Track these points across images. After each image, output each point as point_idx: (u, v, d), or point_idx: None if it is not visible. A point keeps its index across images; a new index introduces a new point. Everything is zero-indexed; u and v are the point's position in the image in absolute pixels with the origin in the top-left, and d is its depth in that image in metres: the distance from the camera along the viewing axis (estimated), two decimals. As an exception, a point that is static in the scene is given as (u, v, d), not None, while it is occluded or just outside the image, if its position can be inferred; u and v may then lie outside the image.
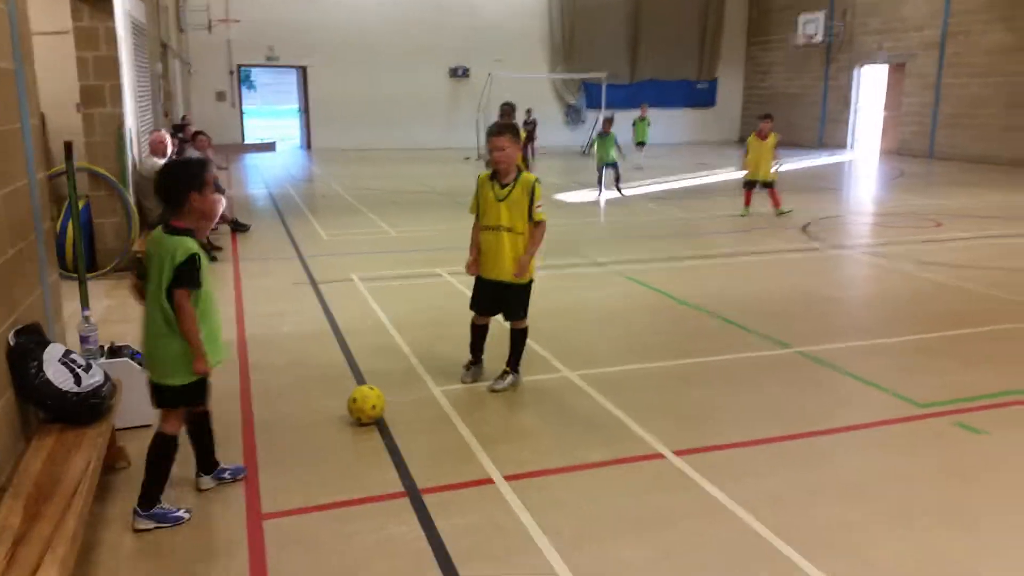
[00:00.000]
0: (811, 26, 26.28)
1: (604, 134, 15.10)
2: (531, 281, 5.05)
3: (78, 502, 3.11)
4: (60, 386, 3.72)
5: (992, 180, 17.70)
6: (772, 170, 12.27)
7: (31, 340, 3.77)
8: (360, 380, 5.24)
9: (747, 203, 12.48)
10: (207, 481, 3.86)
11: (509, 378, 5.12)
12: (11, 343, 3.65)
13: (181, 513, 3.57)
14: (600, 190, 14.92)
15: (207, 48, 24.98)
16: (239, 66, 26.57)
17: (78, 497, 3.15)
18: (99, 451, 3.56)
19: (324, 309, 7.05)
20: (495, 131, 4.86)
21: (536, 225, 4.89)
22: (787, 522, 3.53)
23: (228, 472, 3.92)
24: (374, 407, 4.54)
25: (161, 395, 3.53)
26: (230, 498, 3.78)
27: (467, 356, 5.33)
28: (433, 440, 4.42)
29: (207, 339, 3.45)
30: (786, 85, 28.66)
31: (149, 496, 3.51)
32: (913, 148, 23.57)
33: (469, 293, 5.25)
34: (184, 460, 3.76)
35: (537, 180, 4.89)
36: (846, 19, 25.49)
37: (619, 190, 15.03)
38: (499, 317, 5.19)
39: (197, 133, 11.83)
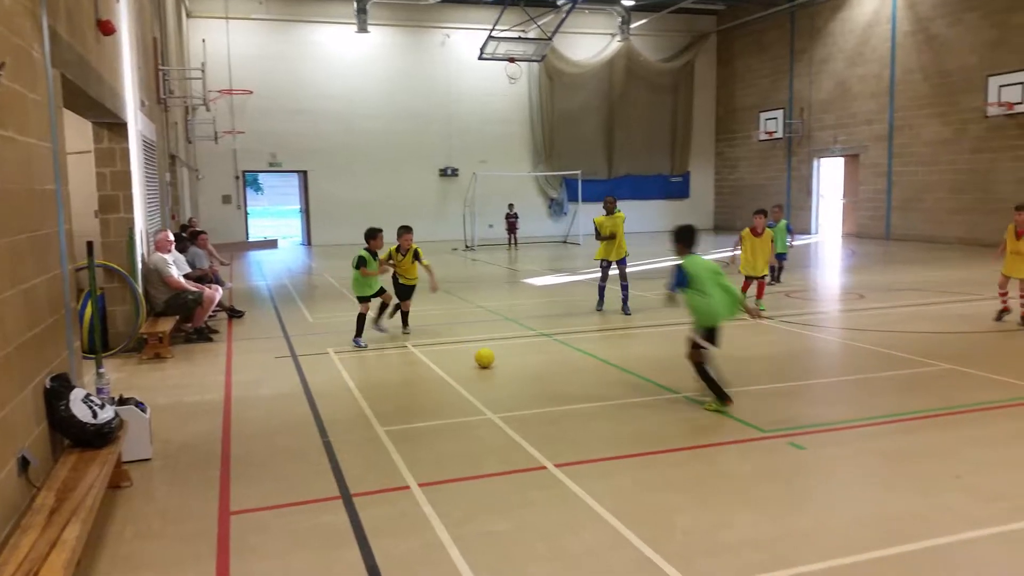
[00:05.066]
0: (772, 123, 28.39)
1: (773, 223, 13.63)
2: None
3: (93, 492, 4.36)
4: (81, 419, 5.01)
5: (933, 258, 19.16)
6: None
7: (61, 385, 5.09)
8: (320, 426, 6.50)
9: (745, 289, 11.56)
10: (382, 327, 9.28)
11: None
12: (47, 386, 4.96)
13: (361, 342, 8.41)
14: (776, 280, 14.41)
15: (214, 156, 27.05)
16: (244, 172, 28.62)
17: (93, 489, 4.40)
18: (108, 466, 4.82)
19: (300, 376, 8.33)
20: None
21: None
22: (619, 505, 4.73)
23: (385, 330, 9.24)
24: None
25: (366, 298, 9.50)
26: (208, 498, 5.01)
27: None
28: (369, 461, 5.66)
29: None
30: (753, 177, 30.60)
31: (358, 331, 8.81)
32: (871, 231, 25.17)
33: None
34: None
35: None
36: (803, 116, 27.55)
37: (777, 279, 14.51)
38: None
39: (198, 233, 13.41)
